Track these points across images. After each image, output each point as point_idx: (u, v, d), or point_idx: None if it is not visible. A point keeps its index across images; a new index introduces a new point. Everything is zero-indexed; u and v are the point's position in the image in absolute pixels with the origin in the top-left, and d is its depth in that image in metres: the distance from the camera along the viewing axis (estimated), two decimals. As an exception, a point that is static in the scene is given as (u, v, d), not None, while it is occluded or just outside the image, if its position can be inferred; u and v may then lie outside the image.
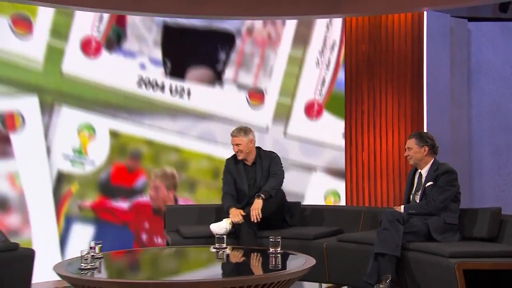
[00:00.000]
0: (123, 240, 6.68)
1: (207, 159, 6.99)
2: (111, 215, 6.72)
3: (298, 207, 5.70)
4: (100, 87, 6.59)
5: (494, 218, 4.52)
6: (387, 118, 7.02)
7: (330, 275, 4.93)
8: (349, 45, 7.13)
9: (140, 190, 6.85)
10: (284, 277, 3.62)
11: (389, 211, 4.55)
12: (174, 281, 3.61)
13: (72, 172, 6.53)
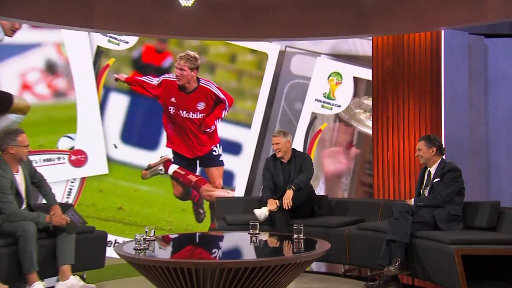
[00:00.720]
0: (154, 111, 7.00)
1: (225, 44, 7.21)
2: (143, 88, 6.92)
3: (325, 199, 5.73)
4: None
5: (493, 210, 4.46)
6: (409, 123, 6.95)
7: (351, 258, 4.95)
8: (376, 60, 7.09)
9: (167, 69, 7.06)
10: (301, 258, 3.67)
11: (400, 204, 4.54)
12: (205, 261, 3.66)
13: (110, 47, 6.93)
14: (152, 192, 7.00)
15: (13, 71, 6.59)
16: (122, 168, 6.94)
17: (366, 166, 7.15)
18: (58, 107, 6.81)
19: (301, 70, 7.26)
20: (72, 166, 6.78)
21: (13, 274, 4.20)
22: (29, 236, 4.17)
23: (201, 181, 7.02)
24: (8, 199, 4.26)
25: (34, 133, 6.61)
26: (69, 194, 6.75)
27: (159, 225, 6.91)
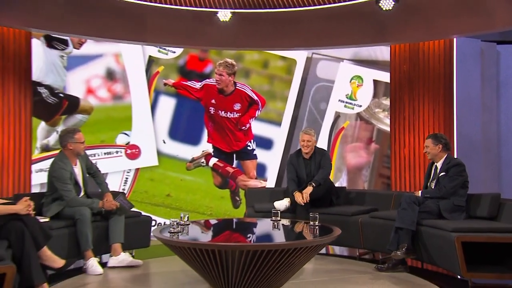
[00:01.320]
0: (197, 112, 7.06)
1: (258, 52, 7.20)
2: (187, 92, 7.02)
3: (343, 190, 5.66)
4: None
5: (494, 201, 4.31)
6: (424, 122, 6.78)
7: (364, 243, 4.88)
8: (394, 65, 6.95)
9: (208, 75, 7.10)
10: (313, 243, 3.66)
11: (408, 195, 4.46)
12: (227, 243, 3.65)
13: (159, 57, 7.04)
14: (195, 181, 7.06)
15: (79, 78, 6.77)
16: (169, 161, 7.03)
17: (384, 160, 7.03)
18: (116, 108, 6.95)
19: (325, 74, 7.20)
20: (128, 158, 6.91)
21: (72, 251, 4.31)
22: (85, 220, 4.29)
23: (238, 172, 7.07)
24: (67, 188, 4.39)
25: (96, 130, 6.82)
26: (125, 183, 6.90)
27: (201, 210, 7.00)
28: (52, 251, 3.71)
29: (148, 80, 7.01)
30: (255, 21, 6.76)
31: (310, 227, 4.12)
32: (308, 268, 4.43)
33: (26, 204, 3.39)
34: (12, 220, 3.29)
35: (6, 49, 6.21)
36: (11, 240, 3.26)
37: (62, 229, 4.26)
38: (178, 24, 6.70)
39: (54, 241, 4.01)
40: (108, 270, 4.40)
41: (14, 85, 6.25)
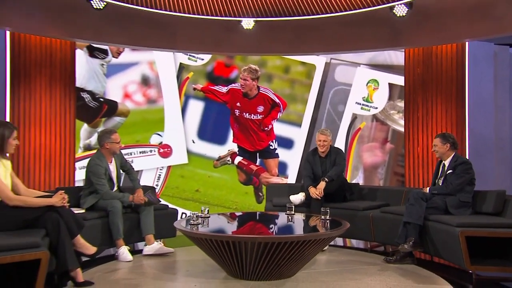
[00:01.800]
0: (223, 114, 7.10)
1: (280, 58, 7.19)
2: (214, 95, 7.07)
3: (357, 186, 5.56)
4: None
5: (499, 198, 4.16)
6: (437, 121, 6.63)
7: (375, 236, 4.80)
8: (408, 69, 6.82)
9: (234, 80, 7.12)
10: (321, 236, 3.62)
11: (415, 191, 4.35)
12: (240, 235, 3.67)
13: (189, 64, 7.09)
14: (222, 178, 7.09)
15: (117, 84, 6.90)
16: (198, 159, 7.08)
17: (399, 158, 6.90)
18: (150, 111, 7.04)
19: (343, 78, 7.13)
20: (161, 157, 7.00)
21: (105, 239, 4.39)
22: (117, 211, 4.37)
23: (261, 170, 7.07)
24: (102, 183, 4.48)
25: (132, 131, 6.93)
26: (158, 179, 7.00)
27: (227, 204, 7.03)
28: (87, 239, 3.79)
29: (179, 85, 7.09)
30: (277, 29, 6.74)
31: (321, 220, 4.09)
32: (320, 259, 4.39)
33: (61, 197, 3.48)
34: (48, 211, 3.37)
35: (54, 58, 6.40)
36: (48, 229, 3.35)
37: (96, 219, 4.34)
38: (205, 33, 6.75)
39: (89, 230, 4.12)
40: (142, 258, 4.46)
41: (60, 90, 6.43)
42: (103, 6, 5.94)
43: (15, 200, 3.30)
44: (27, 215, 3.32)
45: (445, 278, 3.80)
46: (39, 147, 6.25)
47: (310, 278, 3.71)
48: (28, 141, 6.20)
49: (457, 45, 6.54)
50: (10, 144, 3.43)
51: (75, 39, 6.41)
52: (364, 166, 7.04)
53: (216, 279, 3.66)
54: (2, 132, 3.37)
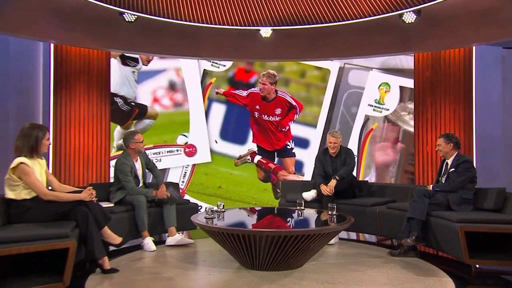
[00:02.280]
0: (244, 116, 7.13)
1: (296, 64, 7.17)
2: (235, 99, 7.12)
3: (366, 184, 5.50)
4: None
5: (499, 195, 4.04)
6: (445, 122, 6.50)
7: (381, 230, 4.73)
8: (417, 72, 6.70)
9: (253, 84, 7.13)
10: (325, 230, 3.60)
11: (419, 189, 4.28)
12: (250, 229, 3.69)
13: (212, 70, 7.16)
14: (242, 175, 7.13)
15: (147, 89, 7.02)
16: (220, 158, 7.14)
17: (409, 157, 6.79)
18: (177, 114, 7.14)
19: (356, 81, 7.07)
20: (186, 156, 7.09)
21: (132, 231, 4.47)
22: (141, 205, 4.45)
23: (278, 168, 7.07)
24: (128, 180, 4.57)
25: (161, 132, 7.04)
26: (184, 176, 7.09)
27: (247, 200, 7.06)
28: (115, 230, 3.88)
29: (203, 90, 7.15)
30: (293, 36, 6.72)
31: (328, 216, 4.07)
32: (329, 251, 4.37)
33: (89, 193, 3.57)
34: (78, 205, 3.47)
35: (91, 67, 6.57)
36: (78, 221, 3.45)
37: (123, 212, 4.42)
38: (226, 41, 6.79)
39: (117, 222, 4.23)
40: (164, 248, 4.54)
41: (96, 96, 6.59)
42: (134, 19, 6.06)
43: (49, 195, 3.41)
44: (59, 209, 3.43)
45: (446, 270, 3.73)
46: (78, 147, 6.43)
47: (317, 269, 3.69)
48: (69, 141, 6.40)
49: (464, 50, 6.39)
50: (43, 144, 3.55)
51: (109, 49, 6.56)
52: (376, 164, 6.95)
53: (229, 269, 3.68)
54: (36, 134, 3.48)
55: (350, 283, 3.33)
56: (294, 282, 3.31)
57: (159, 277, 3.49)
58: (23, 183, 3.37)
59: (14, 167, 3.35)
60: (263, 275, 3.48)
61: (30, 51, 6.37)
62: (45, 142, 3.57)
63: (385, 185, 5.40)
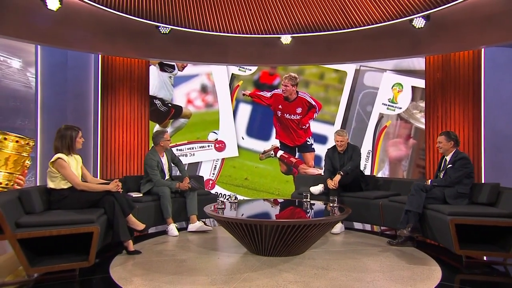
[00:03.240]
0: (268, 115, 7.17)
1: (316, 67, 7.14)
2: (260, 100, 7.17)
3: (373, 178, 5.37)
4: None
5: (493, 190, 3.87)
6: (455, 121, 6.24)
7: (384, 222, 4.62)
8: (428, 73, 6.46)
9: (276, 86, 7.17)
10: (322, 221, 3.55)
11: (416, 183, 4.14)
12: (253, 219, 3.67)
13: (239, 74, 7.24)
14: (266, 169, 7.17)
15: (182, 92, 7.20)
16: (247, 153, 7.22)
17: (420, 153, 6.59)
18: (208, 114, 7.27)
19: (371, 82, 6.94)
20: (216, 151, 7.21)
21: (158, 218, 4.63)
22: (166, 196, 4.58)
23: (299, 162, 7.06)
24: (154, 173, 4.72)
25: (194, 130, 7.20)
26: (215, 169, 7.21)
27: (271, 191, 7.09)
28: (143, 218, 4.06)
29: (231, 91, 7.24)
30: (310, 42, 6.68)
31: (330, 207, 4.03)
32: (332, 239, 4.33)
33: (115, 184, 3.72)
34: (106, 195, 3.63)
35: (133, 73, 6.82)
36: (106, 209, 3.61)
37: (150, 202, 4.57)
38: (251, 48, 6.85)
39: (146, 210, 4.42)
40: (186, 233, 4.65)
41: (137, 98, 6.84)
42: (168, 31, 6.23)
43: (81, 185, 3.60)
44: (90, 197, 3.60)
45: (439, 260, 3.61)
46: (121, 143, 6.71)
47: (316, 256, 3.67)
48: (114, 138, 6.68)
49: (474, 52, 6.10)
50: (77, 142, 3.74)
51: (148, 58, 6.78)
52: (389, 159, 6.79)
53: (237, 254, 3.73)
54: (71, 134, 3.68)
55: (343, 269, 3.29)
56: (291, 267, 3.31)
57: (174, 259, 3.59)
58: (60, 175, 3.57)
59: (53, 161, 3.56)
60: (266, 260, 3.51)
61: (83, 62, 6.71)
62: (79, 140, 3.75)
63: (390, 180, 5.25)
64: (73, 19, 5.70)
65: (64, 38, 5.72)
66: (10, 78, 5.92)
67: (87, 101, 6.84)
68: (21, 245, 2.95)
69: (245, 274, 3.14)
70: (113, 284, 2.97)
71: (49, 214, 3.30)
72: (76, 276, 3.14)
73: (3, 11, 5.07)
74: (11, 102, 5.90)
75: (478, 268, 3.49)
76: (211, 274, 3.15)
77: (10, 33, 5.20)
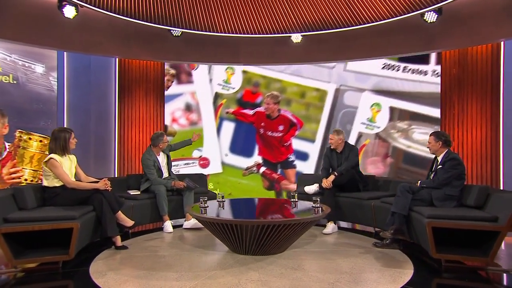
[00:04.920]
0: (250, 133, 7.31)
1: (297, 86, 7.24)
2: (243, 117, 7.33)
3: (372, 178, 5.30)
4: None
5: (480, 192, 3.74)
6: (472, 118, 5.98)
7: (377, 222, 4.58)
8: (444, 70, 6.24)
9: (259, 104, 7.29)
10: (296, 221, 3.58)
11: (402, 185, 4.07)
12: (233, 219, 3.76)
13: (223, 92, 7.38)
14: (249, 184, 7.33)
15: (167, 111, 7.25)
16: (230, 169, 7.39)
17: (398, 171, 6.65)
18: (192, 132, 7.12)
19: (350, 101, 7.05)
20: (201, 167, 7.38)
21: (154, 215, 4.87)
22: (161, 194, 4.82)
23: (281, 178, 7.25)
24: (151, 172, 4.96)
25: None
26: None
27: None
28: (141, 215, 4.33)
29: (215, 110, 7.42)
30: (321, 40, 6.68)
31: (311, 207, 4.06)
32: (321, 239, 4.36)
33: (104, 183, 3.99)
34: (95, 193, 3.91)
35: (148, 75, 7.17)
36: (94, 206, 3.89)
37: (146, 200, 4.82)
38: (262, 48, 6.96)
39: (142, 207, 4.69)
40: (182, 230, 4.87)
41: (153, 99, 7.17)
42: (180, 34, 6.49)
43: (72, 184, 3.91)
44: (80, 195, 3.90)
45: (420, 262, 3.57)
46: (137, 142, 7.08)
47: (292, 255, 3.73)
48: (130, 137, 7.07)
49: (492, 45, 5.81)
50: (71, 143, 4.06)
51: (162, 60, 7.08)
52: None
53: (218, 252, 3.85)
54: (64, 136, 3.99)
55: (312, 270, 3.34)
56: (262, 266, 3.40)
57: (155, 255, 3.80)
58: (53, 174, 3.91)
59: (46, 161, 3.90)
60: (241, 259, 3.61)
61: (105, 65, 7.15)
62: (72, 141, 4.07)
63: (389, 180, 5.17)
64: (90, 25, 6.11)
65: (83, 44, 6.15)
66: (34, 83, 6.45)
67: (108, 102, 7.28)
68: (8, 238, 3.28)
69: (213, 272, 3.29)
70: (87, 276, 3.23)
71: (39, 210, 3.62)
72: (59, 268, 3.44)
73: (25, 21, 5.54)
74: (35, 104, 6.42)
75: (454, 272, 3.39)
76: (181, 271, 3.32)
77: (32, 40, 5.69)
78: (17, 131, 5.98)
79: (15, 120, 6.10)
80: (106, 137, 7.17)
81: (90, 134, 7.12)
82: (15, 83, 6.23)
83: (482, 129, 5.88)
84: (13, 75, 6.22)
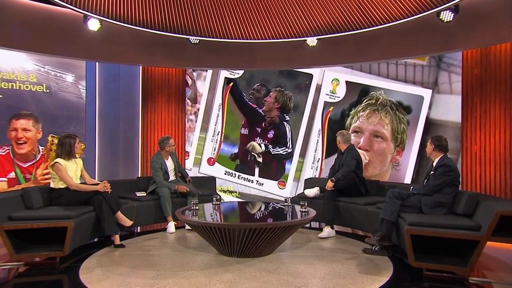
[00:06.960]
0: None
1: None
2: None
3: (376, 183, 5.23)
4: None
5: (470, 200, 3.63)
6: (495, 121, 5.70)
7: (372, 228, 4.52)
8: (465, 70, 6.00)
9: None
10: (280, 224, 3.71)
11: (391, 190, 4.05)
12: (221, 223, 3.96)
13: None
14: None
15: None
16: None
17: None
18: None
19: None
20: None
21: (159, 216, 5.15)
22: (165, 196, 5.10)
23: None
24: (157, 174, 5.26)
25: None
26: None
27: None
28: (144, 215, 4.63)
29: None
30: (336, 43, 6.69)
31: (300, 211, 4.12)
32: (314, 244, 4.41)
33: (103, 185, 4.34)
34: (96, 195, 4.27)
35: (171, 81, 7.57)
36: (95, 207, 4.25)
37: (150, 201, 5.12)
38: (280, 52, 7.09)
39: (147, 208, 4.99)
40: (184, 231, 5.10)
41: (175, 104, 7.56)
42: (198, 41, 6.80)
43: (74, 186, 4.30)
44: (82, 196, 4.27)
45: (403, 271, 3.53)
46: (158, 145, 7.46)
47: (275, 259, 3.82)
48: (153, 141, 7.47)
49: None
50: (76, 148, 4.46)
51: (183, 66, 7.44)
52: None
53: (207, 253, 4.02)
54: (69, 141, 4.40)
55: (286, 273, 3.42)
56: (239, 269, 3.53)
57: (146, 254, 4.06)
58: (58, 176, 4.32)
59: (52, 165, 4.32)
60: (223, 261, 3.76)
61: (132, 73, 7.65)
62: (77, 146, 4.47)
63: (394, 184, 5.07)
64: (114, 36, 6.60)
65: (108, 53, 6.66)
66: (64, 91, 7.07)
67: (135, 107, 7.77)
68: (12, 235, 3.70)
69: (190, 272, 3.48)
70: (76, 272, 3.55)
71: (42, 210, 4.03)
72: (56, 263, 3.81)
73: (54, 34, 6.12)
74: (65, 111, 7.03)
75: (432, 282, 3.32)
76: (162, 270, 3.55)
77: (62, 52, 6.28)
78: (50, 135, 6.58)
79: (48, 125, 6.74)
80: (132, 140, 7.65)
81: (119, 138, 7.65)
82: (48, 91, 6.87)
83: (506, 132, 5.58)
84: (46, 85, 6.87)
